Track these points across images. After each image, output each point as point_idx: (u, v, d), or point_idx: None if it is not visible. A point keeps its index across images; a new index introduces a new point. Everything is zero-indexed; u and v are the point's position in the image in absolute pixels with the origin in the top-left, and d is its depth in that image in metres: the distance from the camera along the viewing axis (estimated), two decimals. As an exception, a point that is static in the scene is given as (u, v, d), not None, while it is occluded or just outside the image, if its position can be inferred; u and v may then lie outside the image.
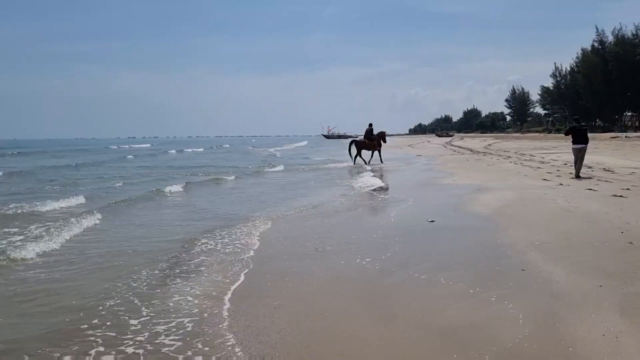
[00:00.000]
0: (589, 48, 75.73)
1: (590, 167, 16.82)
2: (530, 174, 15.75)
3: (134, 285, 5.26)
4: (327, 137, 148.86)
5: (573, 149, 14.90)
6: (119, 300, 4.76)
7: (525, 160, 22.19)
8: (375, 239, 7.23)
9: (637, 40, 66.57)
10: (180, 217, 9.72)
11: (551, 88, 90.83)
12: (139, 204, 11.46)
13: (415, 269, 5.54)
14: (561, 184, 12.55)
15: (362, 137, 26.05)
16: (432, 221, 8.32)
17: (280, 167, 23.83)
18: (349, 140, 27.08)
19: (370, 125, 26.04)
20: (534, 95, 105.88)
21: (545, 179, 13.86)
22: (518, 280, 4.94)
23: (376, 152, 25.32)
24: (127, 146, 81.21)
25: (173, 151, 52.59)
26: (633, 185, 11.67)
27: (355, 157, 24.72)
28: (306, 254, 6.49)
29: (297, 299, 4.75)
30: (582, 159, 14.63)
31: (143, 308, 4.53)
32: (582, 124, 16.02)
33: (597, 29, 76.11)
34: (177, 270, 5.85)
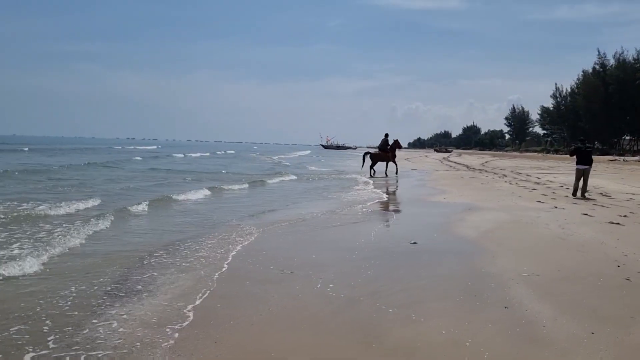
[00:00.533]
0: (590, 70, 75.67)
1: (587, 191, 16.23)
2: (525, 195, 15.16)
3: (59, 304, 4.62)
4: (325, 147, 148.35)
5: (577, 169, 14.88)
6: (26, 326, 4.11)
7: (521, 180, 21.61)
8: (349, 260, 6.60)
9: (638, 65, 66.37)
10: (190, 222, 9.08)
11: (551, 108, 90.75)
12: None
13: (385, 300, 4.91)
14: (556, 207, 11.95)
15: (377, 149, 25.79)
16: (415, 243, 7.70)
17: (293, 177, 23.24)
18: (351, 150, 27.44)
19: (386, 135, 25.66)
20: (534, 115, 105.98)
21: (539, 201, 13.26)
22: (499, 321, 4.30)
23: (391, 163, 25.06)
24: (132, 147, 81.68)
25: (180, 155, 51.64)
26: (631, 212, 11.08)
27: (370, 168, 24.42)
28: (271, 275, 5.86)
29: (243, 332, 4.11)
30: (586, 180, 14.63)
31: (51, 337, 3.88)
32: (587, 145, 16.04)
33: (599, 51, 75.96)
34: (124, 289, 5.22)
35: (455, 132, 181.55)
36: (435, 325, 4.22)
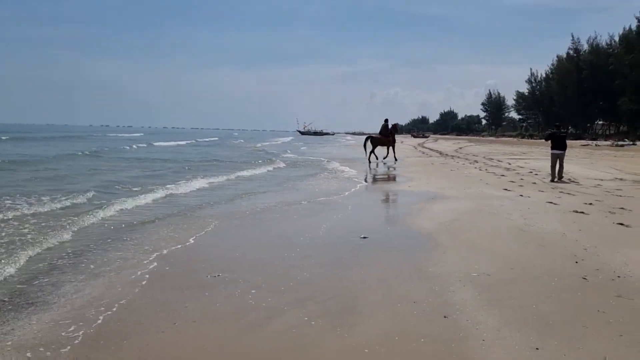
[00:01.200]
0: (564, 55, 76.00)
1: (562, 176, 15.92)
2: (493, 182, 14.75)
3: None
4: (302, 133, 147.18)
5: (552, 154, 15.37)
6: None
7: (492, 166, 21.27)
8: (287, 260, 6.01)
9: (611, 50, 66.84)
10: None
11: (526, 94, 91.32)
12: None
13: (313, 308, 4.33)
14: (521, 195, 11.53)
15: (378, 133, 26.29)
16: (365, 237, 7.14)
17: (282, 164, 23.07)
18: (329, 136, 28.42)
19: (386, 121, 26.17)
20: (510, 100, 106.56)
21: (506, 189, 12.84)
22: (433, 335, 3.75)
23: (391, 149, 25.40)
24: (114, 134, 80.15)
25: (167, 143, 49.32)
26: (597, 200, 10.71)
27: (370, 153, 24.62)
28: (195, 280, 5.23)
29: (136, 357, 3.49)
30: (561, 164, 15.17)
31: None
32: (562, 130, 16.54)
33: (573, 37, 76.31)
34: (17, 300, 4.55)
35: (433, 117, 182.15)
36: (361, 342, 3.65)
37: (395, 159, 24.79)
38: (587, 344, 3.58)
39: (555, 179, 14.95)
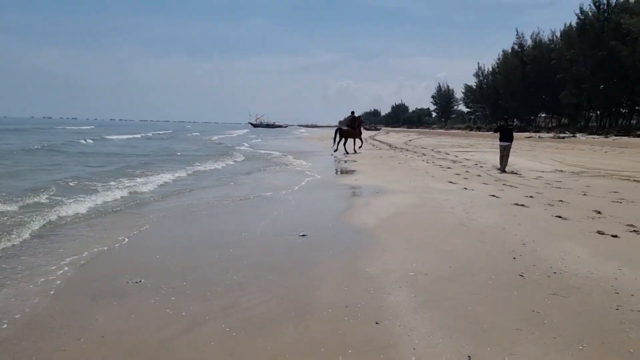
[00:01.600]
0: (510, 50, 78.27)
1: (499, 170, 16.20)
2: (438, 174, 14.80)
3: None
4: (254, 125, 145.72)
5: (500, 145, 16.20)
6: None
7: (438, 158, 21.47)
8: (218, 261, 5.64)
9: (553, 45, 69.29)
10: None
11: (474, 87, 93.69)
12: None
13: (237, 317, 4.00)
14: (466, 188, 11.56)
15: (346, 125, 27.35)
16: (303, 235, 6.86)
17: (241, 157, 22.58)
18: (282, 129, 29.12)
19: (353, 113, 27.39)
20: (459, 94, 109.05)
21: (451, 182, 12.88)
22: (361, 344, 3.50)
23: (357, 140, 26.46)
24: (62, 127, 76.68)
25: (121, 136, 46.57)
26: (537, 192, 10.85)
27: (338, 144, 25.42)
28: (113, 286, 4.79)
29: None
30: (507, 155, 15.99)
31: None
32: (510, 123, 17.72)
33: (517, 32, 78.77)
34: None
35: (385, 110, 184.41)
36: (283, 355, 3.36)
37: (355, 151, 25.81)
38: (520, 349, 3.41)
39: (501, 170, 15.72)
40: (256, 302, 4.37)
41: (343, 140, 25.92)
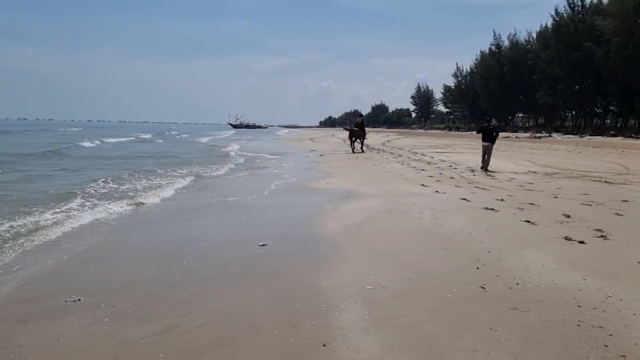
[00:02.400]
0: (487, 51, 78.99)
1: (473, 171, 16.13)
2: (412, 177, 14.64)
3: None
4: (234, 126, 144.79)
5: (482, 145, 16.93)
6: None
7: (414, 160, 21.35)
8: (168, 275, 5.31)
9: (529, 46, 70.13)
10: None
11: (453, 87, 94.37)
12: None
13: (175, 342, 3.70)
14: (437, 192, 11.39)
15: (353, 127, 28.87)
16: (263, 245, 6.58)
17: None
18: (262, 130, 30.25)
19: (361, 115, 31.09)
20: (438, 94, 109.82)
21: (423, 184, 12.71)
22: (304, 372, 3.25)
23: (361, 140, 28.23)
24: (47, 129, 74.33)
25: (112, 139, 45.40)
26: (508, 195, 10.73)
27: (353, 143, 27.96)
28: (50, 305, 4.45)
29: None
30: (489, 155, 16.70)
31: None
32: (492, 124, 18.14)
33: (494, 32, 79.83)
34: None
35: (365, 110, 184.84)
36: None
37: (362, 150, 27.82)
38: (473, 373, 3.19)
39: (483, 168, 16.57)
40: (199, 322, 4.08)
41: (353, 139, 27.98)
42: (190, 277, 5.27)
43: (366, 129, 29.97)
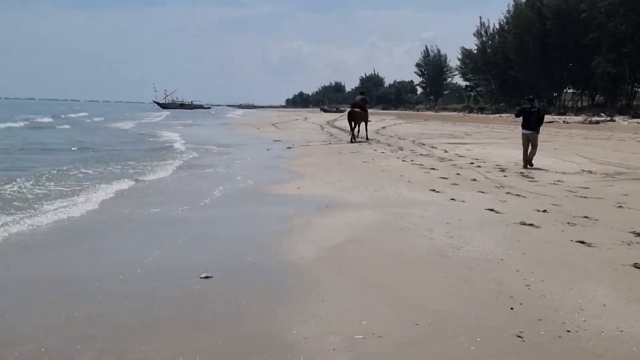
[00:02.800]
0: (524, 0, 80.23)
1: (503, 171, 16.37)
2: (417, 178, 14.81)
3: None
4: (163, 106, 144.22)
5: (522, 134, 17.73)
6: None
7: (420, 155, 21.61)
8: (73, 323, 5.24)
9: (583, -7, 71.33)
10: None
11: (475, 51, 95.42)
12: None
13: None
14: (453, 199, 11.55)
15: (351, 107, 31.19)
16: (208, 277, 6.57)
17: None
18: (205, 110, 30.94)
19: (362, 92, 34.68)
20: (454, 61, 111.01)
21: (434, 189, 12.86)
22: None
23: (363, 124, 30.39)
24: None
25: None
26: (553, 204, 10.92)
27: (353, 129, 29.45)
28: None
29: None
30: (533, 147, 17.27)
31: None
32: (535, 105, 18.43)
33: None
34: None
35: (351, 84, 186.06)
36: None
37: (367, 138, 30.11)
38: None
39: (528, 166, 17.15)
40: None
41: (353, 125, 29.44)
42: (97, 327, 5.20)
43: (351, 109, 30.39)
